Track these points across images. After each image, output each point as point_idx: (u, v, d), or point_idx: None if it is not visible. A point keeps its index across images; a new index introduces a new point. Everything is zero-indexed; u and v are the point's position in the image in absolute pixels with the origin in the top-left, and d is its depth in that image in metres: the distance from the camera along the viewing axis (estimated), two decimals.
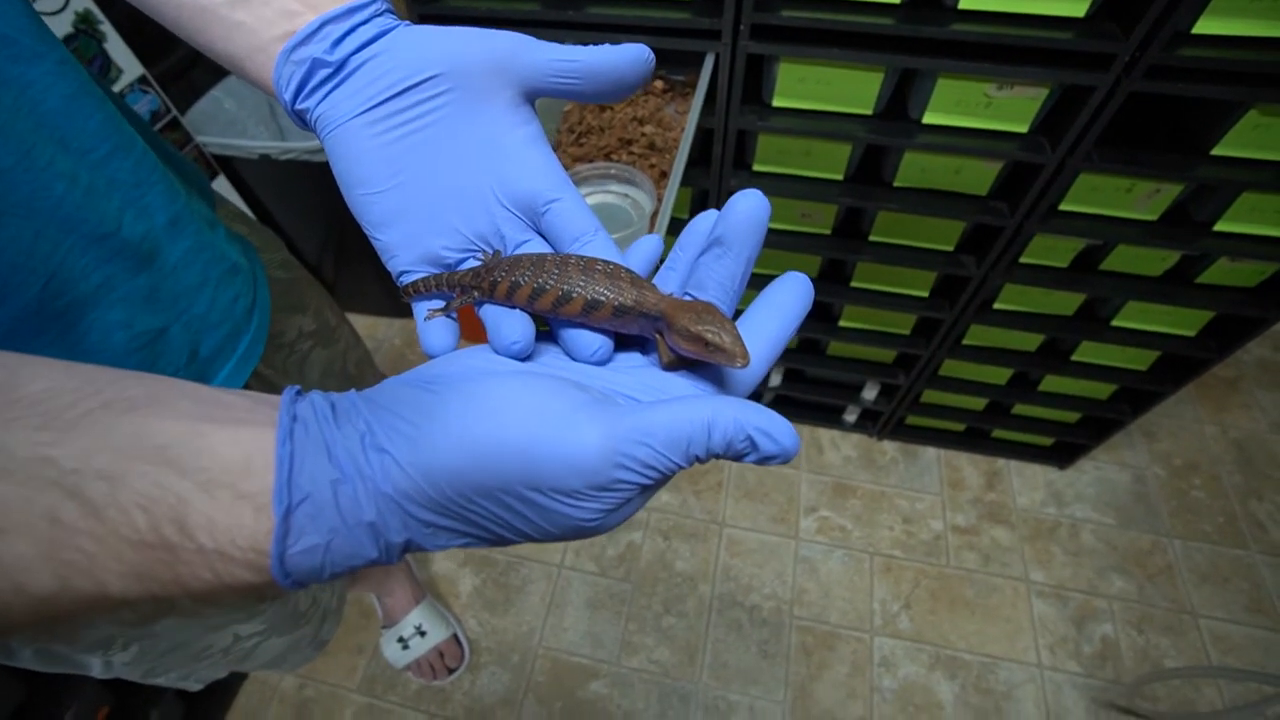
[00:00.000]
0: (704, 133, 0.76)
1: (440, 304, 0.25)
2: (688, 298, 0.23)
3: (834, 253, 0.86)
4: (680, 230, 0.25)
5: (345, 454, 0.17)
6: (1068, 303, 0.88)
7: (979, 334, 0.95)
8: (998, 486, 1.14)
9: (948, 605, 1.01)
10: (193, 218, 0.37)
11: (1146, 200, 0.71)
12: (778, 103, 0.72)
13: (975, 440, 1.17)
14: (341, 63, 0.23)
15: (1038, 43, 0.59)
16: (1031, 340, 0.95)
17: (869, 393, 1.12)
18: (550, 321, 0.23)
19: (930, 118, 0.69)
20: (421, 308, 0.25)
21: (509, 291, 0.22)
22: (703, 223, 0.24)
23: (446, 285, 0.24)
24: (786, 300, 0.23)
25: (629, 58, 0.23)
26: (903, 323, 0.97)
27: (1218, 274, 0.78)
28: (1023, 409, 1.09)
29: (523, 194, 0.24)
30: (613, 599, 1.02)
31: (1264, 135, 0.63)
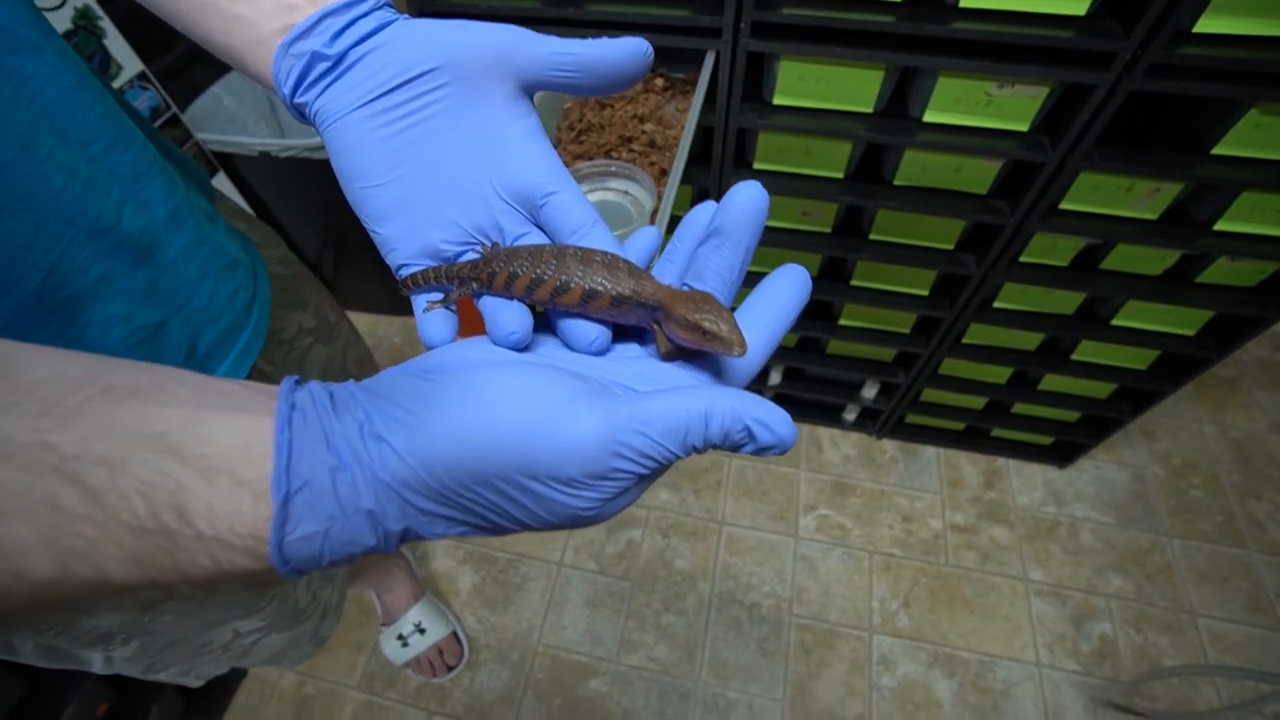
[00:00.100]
0: (704, 130, 0.76)
1: (439, 296, 0.25)
2: (686, 288, 0.23)
3: (834, 251, 0.86)
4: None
5: (343, 442, 0.18)
6: (1067, 302, 0.88)
7: (979, 333, 0.95)
8: (997, 485, 1.14)
9: (946, 604, 1.01)
10: (192, 212, 0.37)
11: (1147, 199, 0.71)
12: (778, 101, 0.72)
13: (975, 439, 1.17)
14: (341, 56, 0.23)
15: (1039, 41, 0.59)
16: (1031, 339, 0.95)
17: (869, 391, 1.12)
18: (548, 312, 0.23)
19: (931, 116, 0.69)
20: (420, 300, 0.25)
21: (507, 282, 0.22)
22: (701, 214, 0.24)
23: (445, 277, 0.24)
24: (784, 292, 0.23)
25: (627, 51, 0.23)
26: (903, 321, 0.97)
27: (1217, 273, 0.78)
28: (1022, 408, 1.09)
29: (521, 187, 0.24)
30: (612, 597, 1.02)
31: (1265, 134, 0.63)
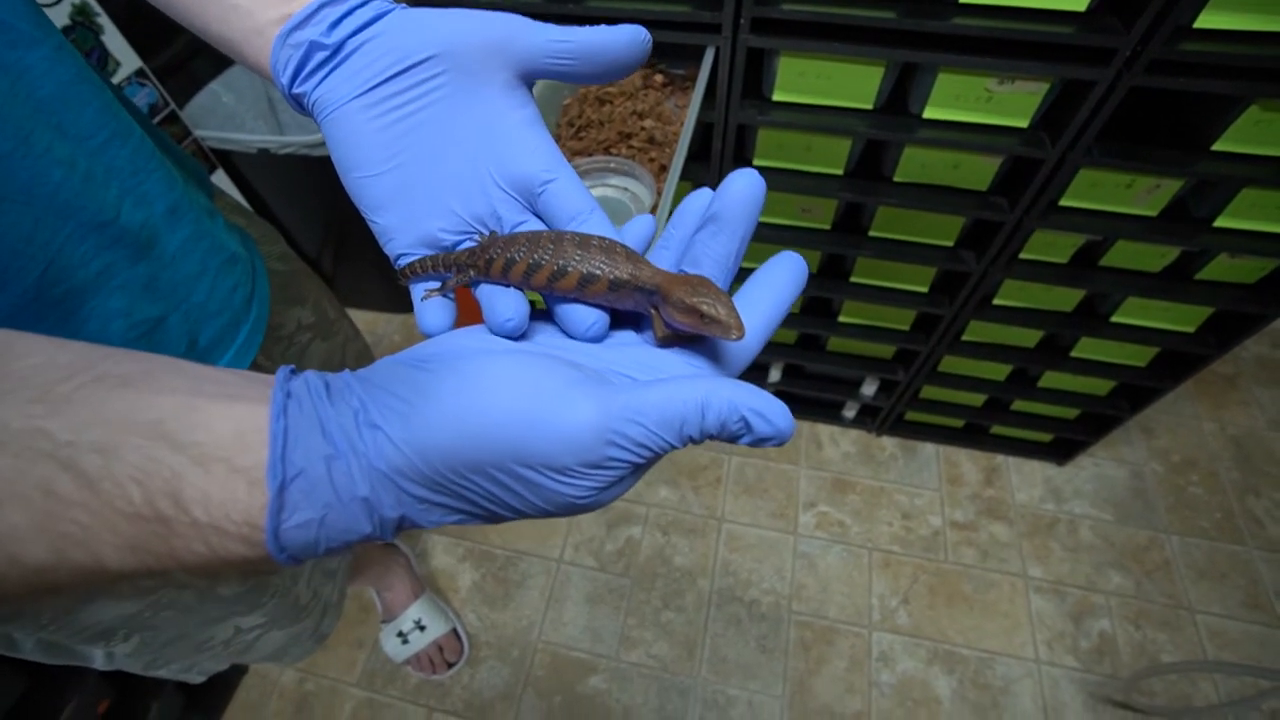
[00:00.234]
0: (704, 127, 0.76)
1: (437, 285, 0.25)
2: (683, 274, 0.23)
3: (834, 248, 0.86)
4: None
5: (339, 430, 0.18)
6: (1067, 299, 0.88)
7: (978, 330, 0.95)
8: (996, 482, 1.14)
9: (946, 600, 1.01)
10: (191, 206, 0.37)
11: (1146, 196, 0.71)
12: (778, 97, 0.72)
13: (974, 436, 1.17)
14: (339, 45, 0.23)
15: (1039, 37, 0.58)
16: (1031, 336, 0.95)
17: (868, 388, 1.12)
18: (546, 299, 0.23)
19: (931, 112, 0.69)
20: (419, 289, 0.25)
21: (504, 268, 0.22)
22: (697, 201, 0.24)
23: (443, 265, 0.24)
24: (780, 278, 0.23)
25: (625, 38, 0.23)
26: (902, 318, 0.97)
27: (1217, 270, 0.78)
28: (1022, 405, 1.09)
29: (519, 175, 0.24)
30: (612, 594, 1.02)
31: (1265, 131, 0.63)
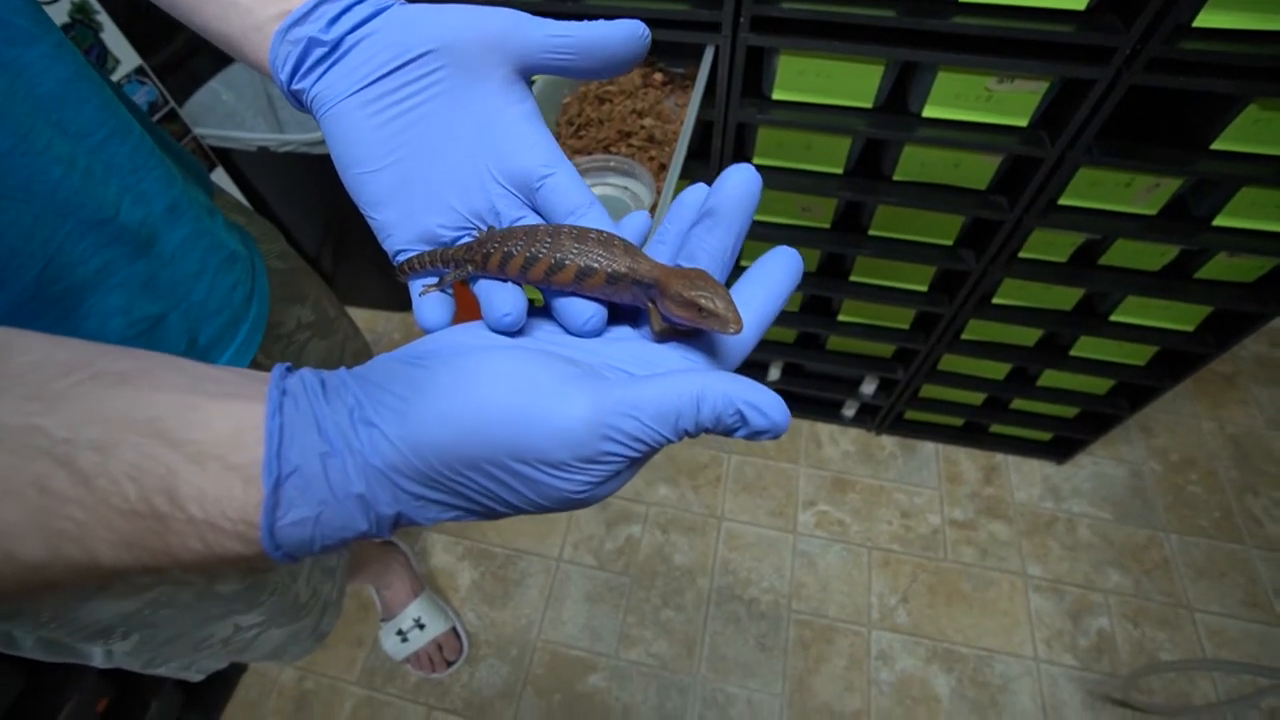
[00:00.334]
0: (703, 126, 0.76)
1: (435, 281, 0.25)
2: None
3: (833, 247, 0.86)
4: None
5: (334, 428, 0.18)
6: (1066, 297, 0.88)
7: (978, 329, 0.95)
8: (995, 481, 1.14)
9: (945, 599, 1.01)
10: (190, 204, 0.37)
11: (1146, 195, 0.71)
12: (778, 96, 0.72)
13: (973, 435, 1.17)
14: (337, 41, 0.23)
15: (1038, 36, 0.58)
16: (1030, 335, 0.95)
17: (868, 387, 1.12)
18: (544, 293, 0.23)
19: (930, 111, 0.69)
20: (417, 285, 0.25)
21: (502, 263, 0.22)
22: (693, 196, 0.24)
23: (441, 261, 0.24)
24: (776, 273, 0.23)
25: (624, 33, 0.23)
26: (902, 317, 0.97)
27: (1216, 269, 0.78)
28: (1021, 404, 1.09)
29: (517, 171, 0.24)
30: (611, 592, 1.02)
31: (1264, 130, 0.63)
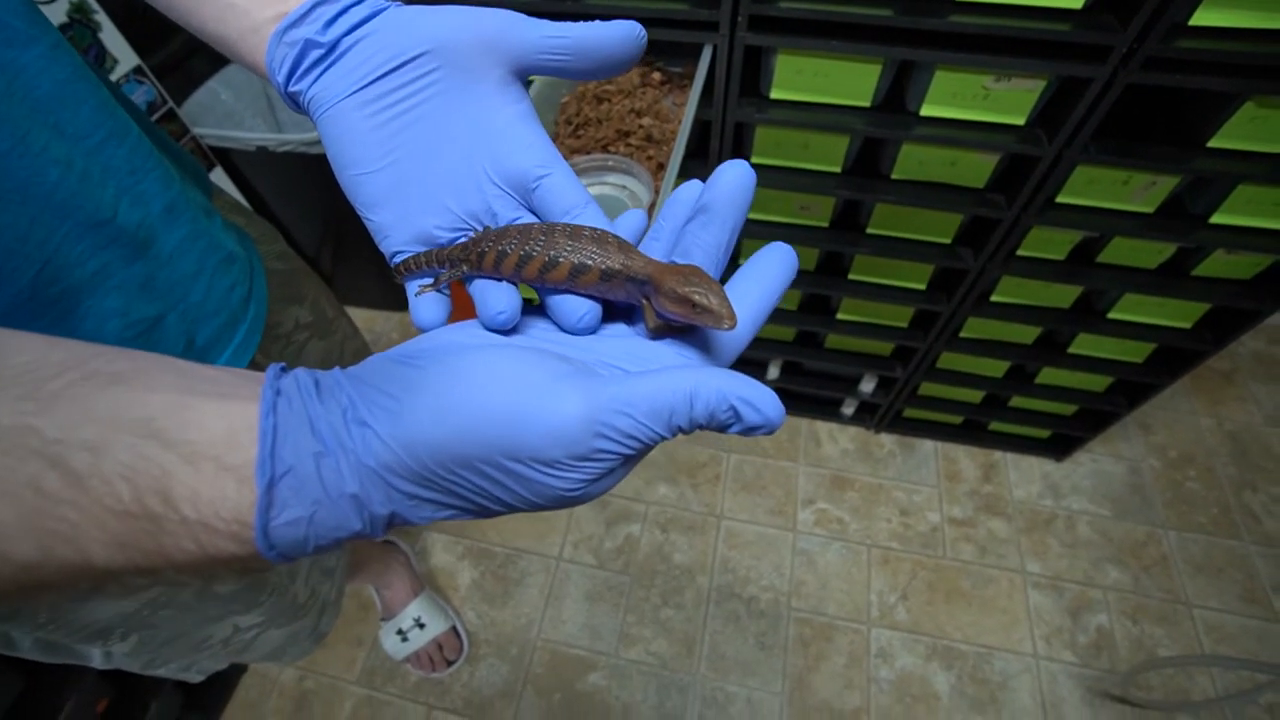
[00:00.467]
0: (702, 125, 0.76)
1: (431, 280, 0.25)
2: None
3: (832, 245, 0.86)
4: None
5: (328, 428, 0.18)
6: (1064, 295, 0.88)
7: (976, 327, 0.95)
8: (994, 479, 1.14)
9: (944, 596, 1.02)
10: (188, 205, 0.37)
11: (1143, 192, 0.72)
12: (775, 95, 0.72)
13: (972, 433, 1.17)
14: (334, 44, 0.23)
15: (1035, 34, 0.59)
16: (1028, 333, 0.95)
17: (866, 385, 1.12)
18: (539, 291, 0.23)
19: (928, 110, 0.69)
20: (413, 285, 0.25)
21: (496, 261, 0.22)
22: (687, 192, 0.24)
23: (436, 261, 0.24)
24: (771, 269, 0.23)
25: (620, 34, 0.23)
26: (900, 315, 0.98)
27: (1213, 266, 0.78)
28: (1020, 401, 1.09)
29: (513, 171, 0.24)
30: (611, 591, 1.03)
31: (1260, 127, 0.63)
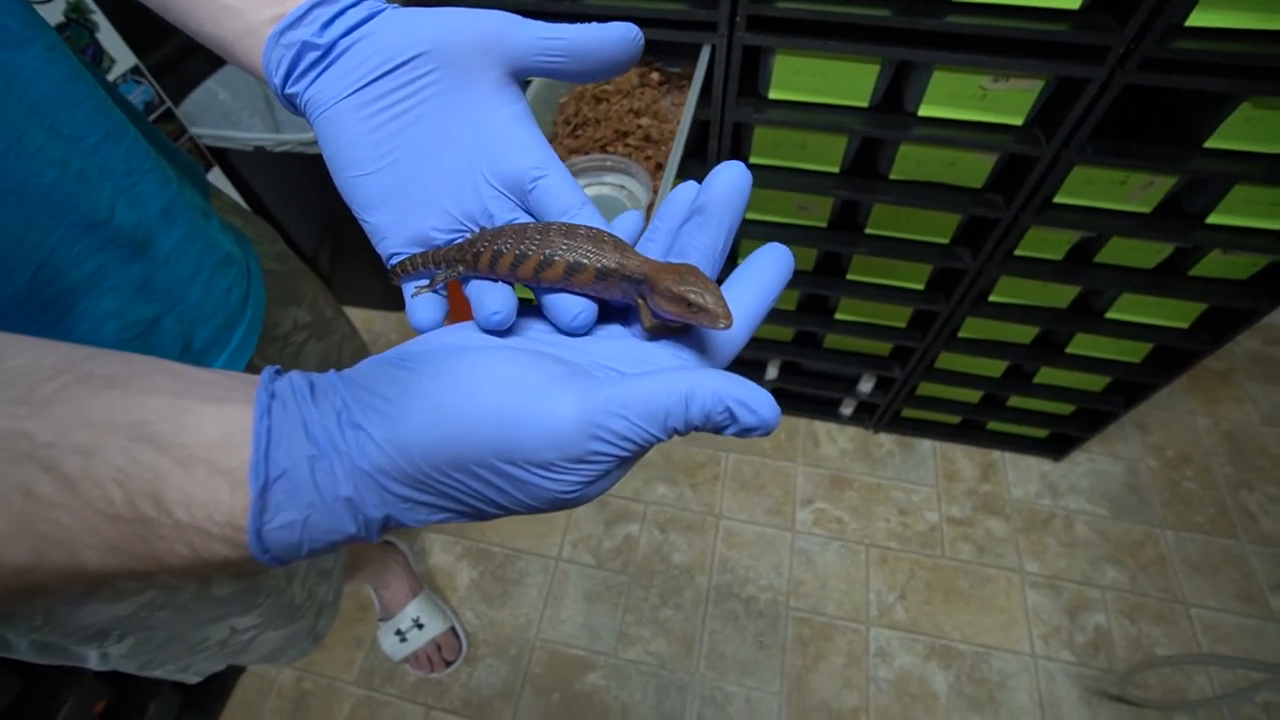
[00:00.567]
0: (700, 125, 0.76)
1: (428, 281, 0.25)
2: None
3: (830, 245, 0.86)
4: None
5: (322, 431, 0.18)
6: (1062, 295, 0.88)
7: (974, 326, 0.95)
8: (993, 478, 1.15)
9: (943, 596, 1.02)
10: (185, 207, 0.37)
11: (1140, 193, 0.72)
12: (774, 95, 0.72)
13: (970, 433, 1.18)
14: (331, 45, 0.23)
15: (1033, 35, 0.59)
16: (1026, 333, 0.95)
17: (865, 385, 1.12)
18: (535, 291, 0.23)
19: (926, 110, 0.69)
20: (410, 287, 0.25)
21: (492, 261, 0.22)
22: (683, 193, 0.24)
23: (432, 262, 0.24)
24: (767, 269, 0.23)
25: (616, 36, 0.23)
26: (899, 315, 0.98)
27: (1210, 266, 0.78)
28: (1017, 401, 1.09)
29: (510, 172, 0.24)
30: (610, 591, 1.03)
31: (1256, 128, 0.63)
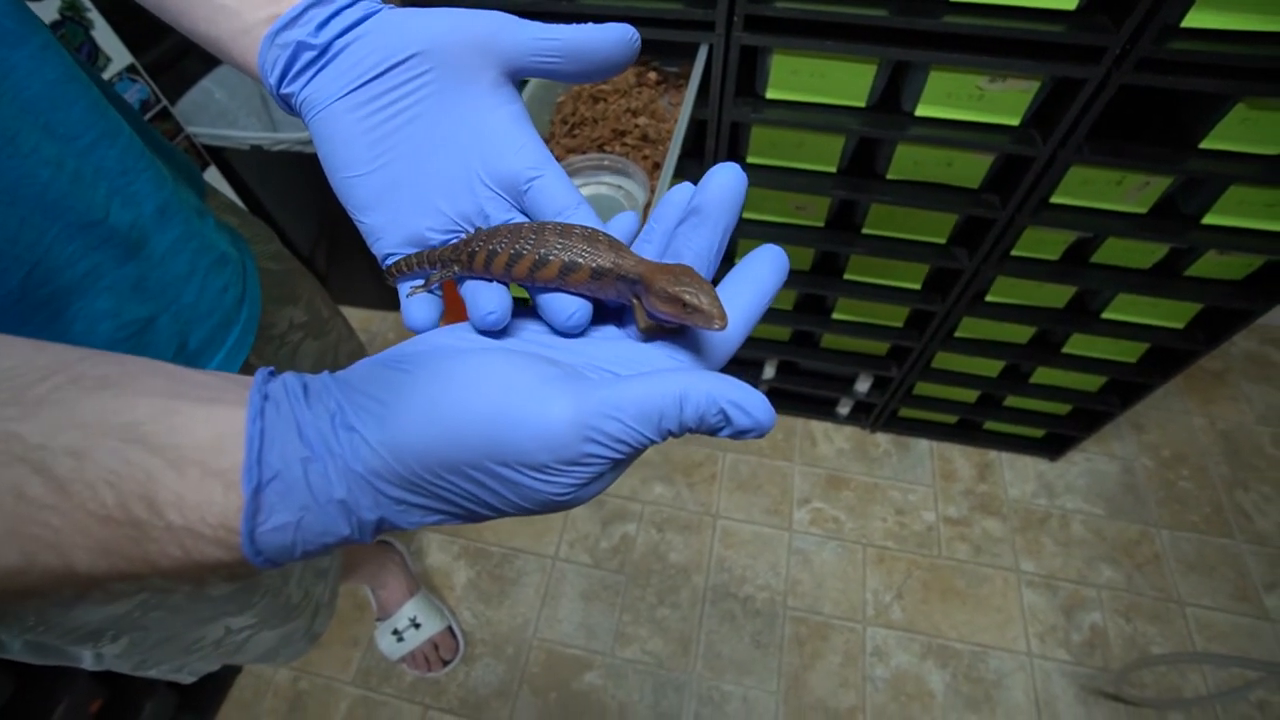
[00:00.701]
0: (697, 125, 0.76)
1: (423, 281, 0.24)
2: None
3: (827, 245, 0.86)
4: None
5: (315, 433, 0.17)
6: (1058, 295, 0.88)
7: (971, 326, 0.96)
8: (989, 478, 1.15)
9: (939, 595, 1.02)
10: (181, 206, 0.37)
11: (1136, 193, 0.72)
12: (771, 95, 0.72)
13: (967, 432, 1.18)
14: (326, 46, 0.23)
15: (1029, 35, 0.59)
16: (1023, 333, 0.96)
17: (862, 385, 1.12)
18: (530, 291, 0.23)
19: (923, 110, 0.69)
20: (406, 287, 0.25)
21: (487, 261, 0.22)
22: (678, 195, 0.24)
23: (428, 262, 0.24)
24: (762, 271, 0.23)
25: (613, 37, 0.23)
26: (895, 315, 0.98)
27: (1206, 267, 0.79)
28: (1014, 401, 1.10)
29: (505, 173, 0.23)
30: (607, 590, 1.03)
31: (1251, 129, 0.64)
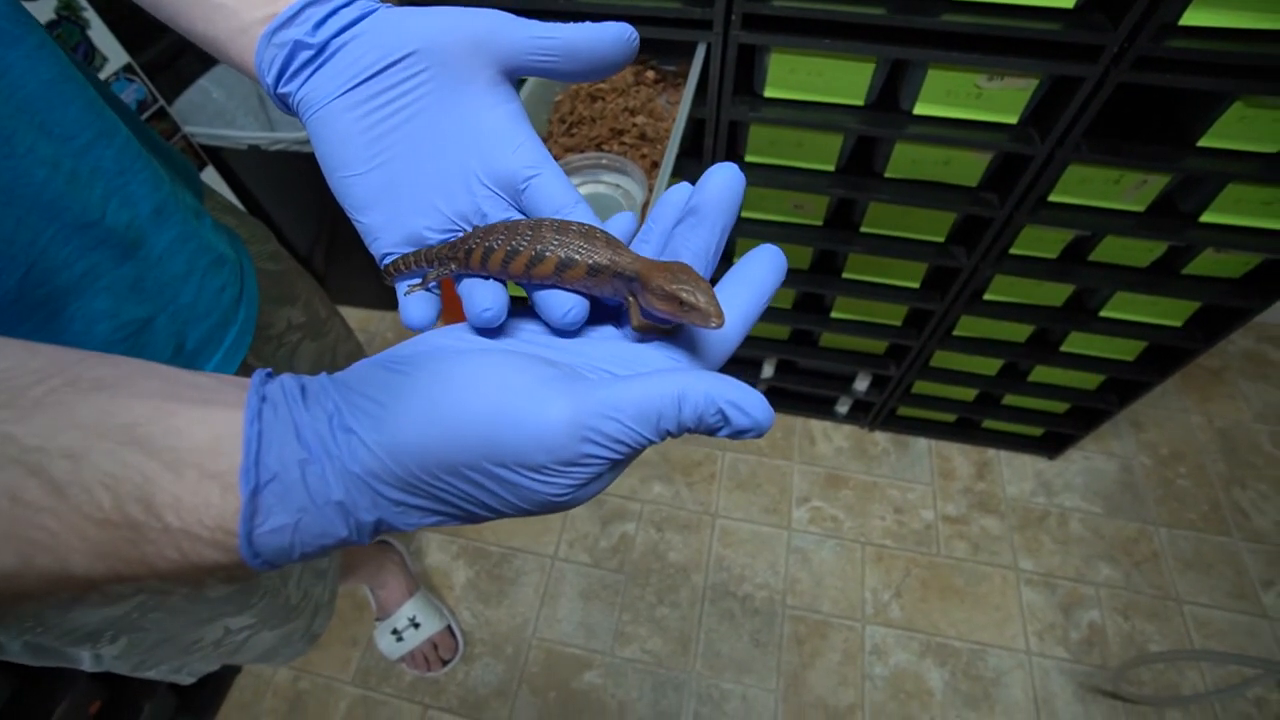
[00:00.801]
0: (696, 123, 0.76)
1: (420, 280, 0.24)
2: None
3: (826, 244, 0.86)
4: None
5: (313, 434, 0.17)
6: (1057, 294, 0.88)
7: (969, 325, 0.96)
8: (988, 476, 1.15)
9: (938, 594, 1.02)
10: (178, 207, 0.37)
11: (1134, 191, 0.72)
12: (769, 93, 0.72)
13: (966, 431, 1.18)
14: (323, 45, 0.23)
15: (1027, 34, 0.59)
16: (1021, 331, 0.96)
17: (860, 384, 1.12)
18: (526, 288, 0.23)
19: (921, 109, 0.69)
20: (403, 286, 0.25)
21: (483, 258, 0.22)
22: (676, 194, 0.24)
23: (425, 261, 0.24)
24: (760, 271, 0.22)
25: (611, 36, 0.23)
26: (894, 314, 0.98)
27: (1204, 265, 0.79)
28: (1012, 399, 1.10)
29: (503, 172, 0.23)
30: (606, 590, 1.03)
31: (1249, 127, 0.64)
